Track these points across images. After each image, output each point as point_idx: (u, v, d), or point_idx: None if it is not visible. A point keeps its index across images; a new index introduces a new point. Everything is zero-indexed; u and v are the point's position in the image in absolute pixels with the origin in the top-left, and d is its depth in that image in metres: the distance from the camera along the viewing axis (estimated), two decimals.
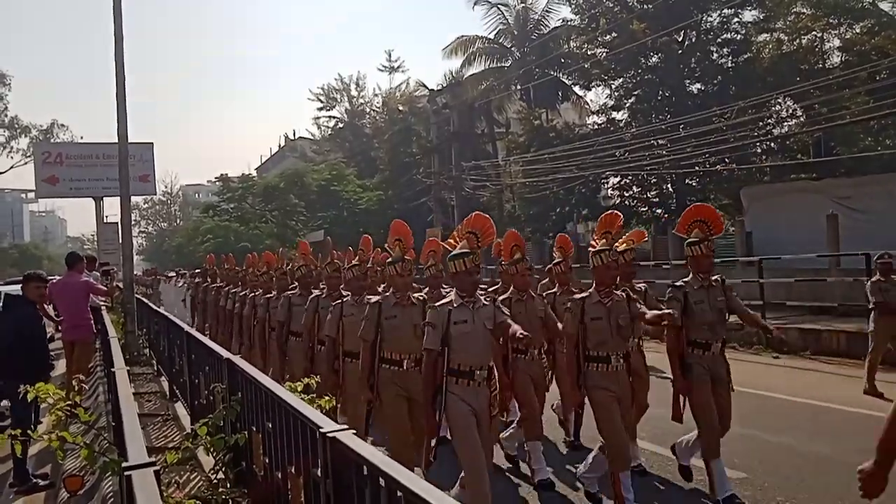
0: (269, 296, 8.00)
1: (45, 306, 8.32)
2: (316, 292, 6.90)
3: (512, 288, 5.98)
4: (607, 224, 5.31)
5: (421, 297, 5.16)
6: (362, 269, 6.12)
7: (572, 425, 6.56)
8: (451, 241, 4.72)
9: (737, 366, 5.85)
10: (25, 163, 46.70)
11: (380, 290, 6.76)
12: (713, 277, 5.22)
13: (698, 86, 25.15)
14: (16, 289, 9.62)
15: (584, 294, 4.98)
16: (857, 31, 21.90)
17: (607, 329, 4.75)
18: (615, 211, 5.51)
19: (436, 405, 4.24)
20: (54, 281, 9.35)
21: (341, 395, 5.75)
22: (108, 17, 11.30)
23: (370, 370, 4.97)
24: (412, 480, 1.87)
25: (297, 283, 7.55)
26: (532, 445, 5.62)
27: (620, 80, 26.14)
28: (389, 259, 5.12)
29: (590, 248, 5.17)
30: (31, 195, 63.33)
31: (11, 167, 54.30)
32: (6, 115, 46.45)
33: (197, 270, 22.57)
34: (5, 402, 7.23)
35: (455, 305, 4.31)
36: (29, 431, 3.90)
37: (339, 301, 5.87)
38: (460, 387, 4.24)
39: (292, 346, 7.04)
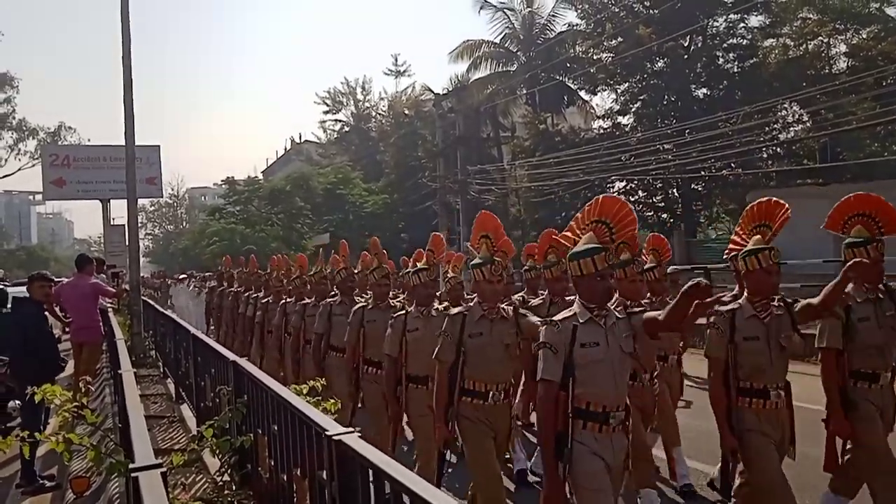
0: (305, 302, 7.20)
1: (54, 307, 8.36)
2: (337, 299, 6.43)
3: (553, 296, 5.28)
4: (763, 214, 3.97)
5: (512, 308, 4.30)
6: (431, 275, 5.02)
7: (678, 465, 5.27)
8: (569, 234, 3.51)
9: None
10: (33, 165, 46.85)
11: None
12: (881, 287, 4.02)
13: (704, 91, 25.15)
14: (23, 290, 9.68)
15: (732, 306, 3.85)
16: (864, 36, 21.86)
17: (765, 353, 3.70)
18: (774, 198, 4.04)
19: (560, 457, 3.18)
20: (63, 283, 9.40)
21: (400, 430, 5.14)
22: (115, 20, 11.37)
23: (447, 402, 4.07)
24: (418, 483, 1.88)
25: (336, 290, 6.71)
26: (646, 496, 4.53)
27: (626, 84, 26.16)
28: (476, 260, 4.21)
29: (732, 247, 4.14)
30: (39, 197, 63.58)
31: (19, 169, 54.37)
32: (14, 118, 46.64)
33: (208, 273, 22.04)
34: (12, 403, 7.30)
35: (582, 321, 3.25)
36: (36, 434, 3.91)
37: (403, 312, 4.95)
38: (589, 432, 3.20)
39: (331, 364, 6.15)
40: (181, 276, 25.29)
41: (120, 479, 3.64)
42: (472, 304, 4.18)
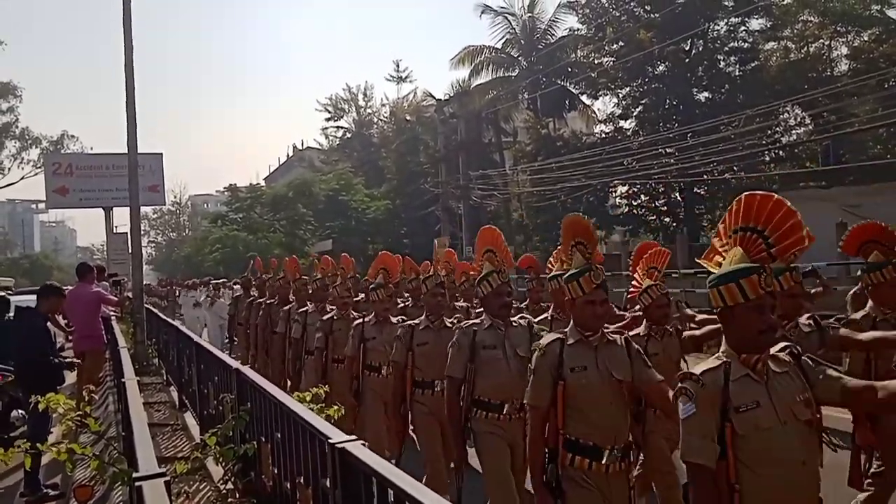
0: (305, 310, 7.02)
1: (57, 317, 8.37)
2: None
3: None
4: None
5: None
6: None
7: None
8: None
9: None
10: (36, 174, 46.99)
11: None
12: None
13: (706, 94, 25.18)
14: (26, 298, 9.69)
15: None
16: (865, 38, 21.89)
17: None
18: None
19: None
20: (66, 291, 9.41)
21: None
22: (118, 29, 11.39)
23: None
24: (421, 492, 1.87)
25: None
26: None
27: (628, 88, 26.20)
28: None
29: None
30: (42, 206, 63.64)
31: (22, 178, 54.56)
32: (17, 127, 46.80)
33: (222, 280, 19.89)
34: (15, 413, 7.31)
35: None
36: (38, 444, 3.91)
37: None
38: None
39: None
40: (191, 283, 22.64)
41: (123, 488, 3.64)
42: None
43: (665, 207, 25.97)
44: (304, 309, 7.14)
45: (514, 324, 4.07)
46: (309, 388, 4.63)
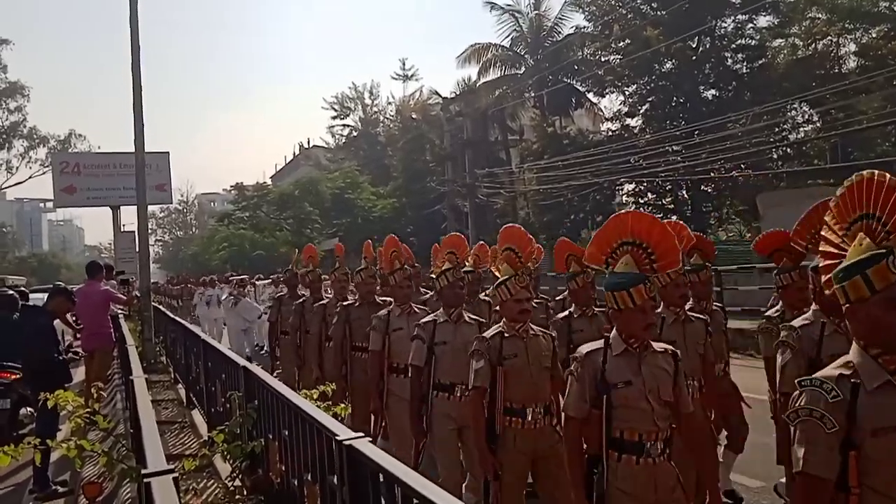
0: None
1: (65, 315, 8.40)
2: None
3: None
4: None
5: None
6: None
7: None
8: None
9: (751, 373, 5.77)
10: (44, 172, 47.22)
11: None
12: None
13: (713, 92, 25.11)
14: (38, 297, 9.72)
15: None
16: (874, 35, 21.78)
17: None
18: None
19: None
20: (75, 290, 9.45)
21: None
22: (125, 28, 11.42)
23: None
24: (429, 489, 1.87)
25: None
26: None
27: (634, 86, 26.14)
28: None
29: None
30: (50, 204, 64.04)
31: (30, 177, 54.88)
32: (25, 126, 47.06)
33: (242, 277, 17.70)
34: (24, 410, 7.35)
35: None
36: (49, 441, 3.93)
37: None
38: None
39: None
40: (208, 280, 19.37)
41: (132, 485, 3.65)
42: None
43: (672, 205, 25.91)
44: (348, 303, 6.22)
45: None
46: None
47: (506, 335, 3.73)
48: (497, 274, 3.94)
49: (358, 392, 5.67)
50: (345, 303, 6.31)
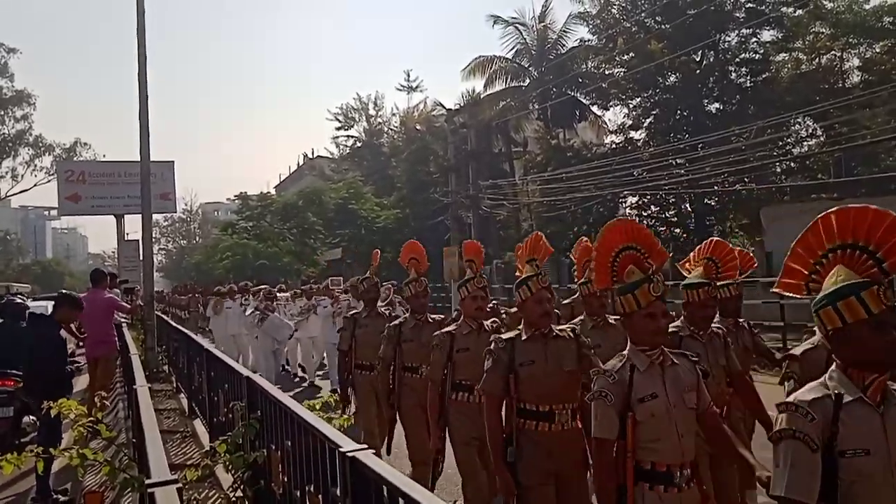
0: (356, 313, 6.49)
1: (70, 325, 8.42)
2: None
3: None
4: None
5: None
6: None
7: None
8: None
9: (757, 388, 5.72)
10: (48, 181, 47.50)
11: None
12: None
13: (717, 105, 25.14)
14: (40, 305, 9.73)
15: None
16: (877, 50, 21.83)
17: None
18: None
19: None
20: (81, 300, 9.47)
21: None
22: (131, 37, 11.50)
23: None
24: (432, 501, 1.87)
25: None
26: None
27: (638, 99, 26.19)
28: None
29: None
30: (54, 212, 64.22)
31: (35, 185, 55.35)
32: (31, 134, 47.31)
33: (260, 287, 14.29)
34: (27, 419, 7.34)
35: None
36: (51, 449, 3.93)
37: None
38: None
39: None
40: (227, 290, 14.87)
41: (134, 494, 3.64)
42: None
43: (675, 219, 25.90)
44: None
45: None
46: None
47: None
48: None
49: (410, 418, 5.16)
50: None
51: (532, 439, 3.45)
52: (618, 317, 3.28)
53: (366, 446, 2.48)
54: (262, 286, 14.27)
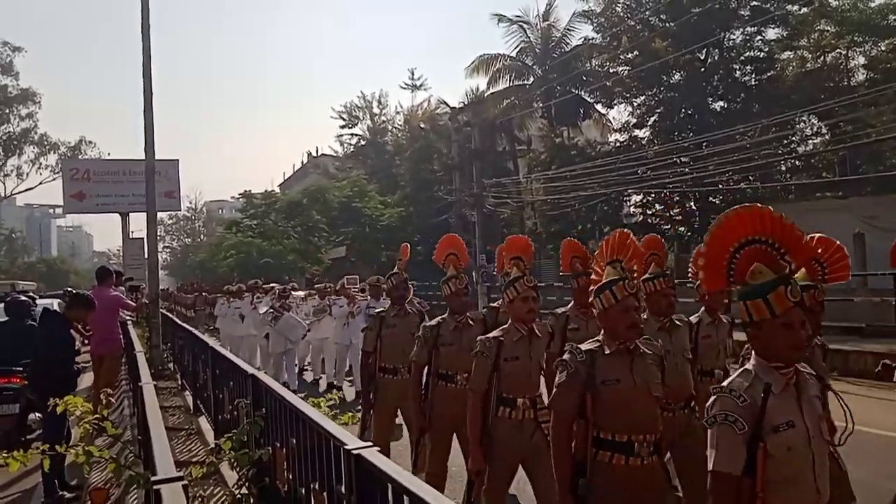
0: (381, 311, 5.87)
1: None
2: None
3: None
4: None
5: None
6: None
7: None
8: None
9: None
10: (54, 179, 47.69)
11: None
12: None
13: (721, 104, 25.09)
14: (46, 303, 9.75)
15: None
16: (883, 48, 21.77)
17: None
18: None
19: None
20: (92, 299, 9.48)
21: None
22: (135, 35, 11.53)
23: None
24: (438, 500, 1.87)
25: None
26: None
27: (643, 97, 26.15)
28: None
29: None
30: (59, 210, 64.41)
31: (40, 183, 55.49)
32: (36, 133, 47.51)
33: (271, 284, 14.03)
34: (32, 416, 7.37)
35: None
36: (57, 446, 3.95)
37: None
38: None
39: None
40: (235, 289, 14.86)
41: (139, 491, 3.66)
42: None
43: (680, 217, 25.85)
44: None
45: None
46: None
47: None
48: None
49: (437, 430, 4.78)
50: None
51: (605, 472, 2.97)
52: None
53: (371, 444, 2.48)
54: (273, 284, 14.02)
